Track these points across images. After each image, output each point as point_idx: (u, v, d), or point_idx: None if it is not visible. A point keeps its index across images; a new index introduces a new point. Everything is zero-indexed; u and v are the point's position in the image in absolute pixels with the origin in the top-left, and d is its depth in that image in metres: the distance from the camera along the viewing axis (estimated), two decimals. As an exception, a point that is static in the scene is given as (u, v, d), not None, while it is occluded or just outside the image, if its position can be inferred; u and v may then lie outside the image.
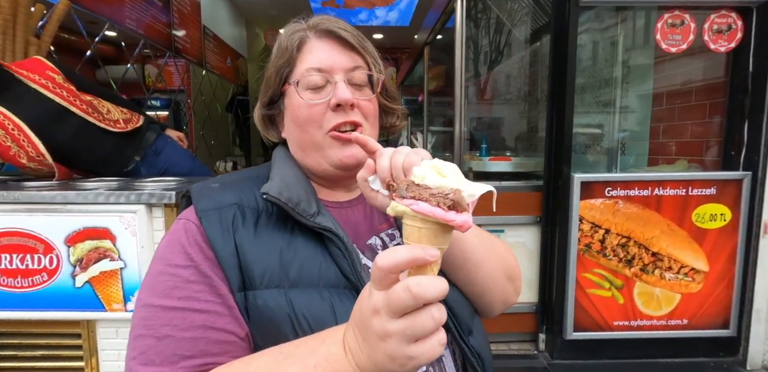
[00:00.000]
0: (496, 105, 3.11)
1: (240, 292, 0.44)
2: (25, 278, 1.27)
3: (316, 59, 0.53)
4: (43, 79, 1.45)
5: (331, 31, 0.54)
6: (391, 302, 0.29)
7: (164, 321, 0.41)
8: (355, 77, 0.53)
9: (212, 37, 4.29)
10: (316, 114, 0.52)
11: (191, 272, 0.43)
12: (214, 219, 0.46)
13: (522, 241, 1.95)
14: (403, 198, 0.32)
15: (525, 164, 2.13)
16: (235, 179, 0.54)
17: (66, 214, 1.25)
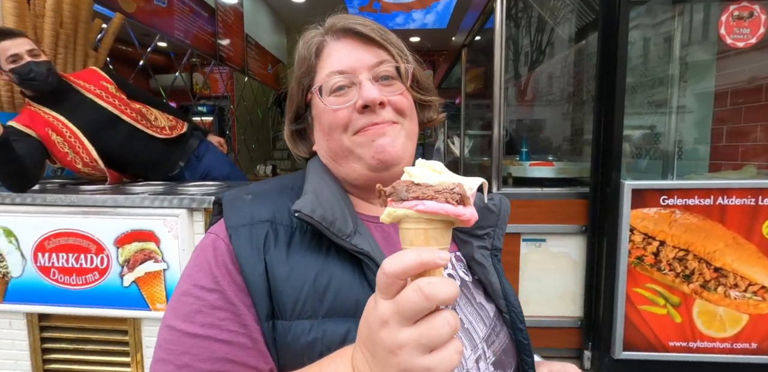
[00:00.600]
0: (538, 107, 2.98)
1: (268, 322, 0.41)
2: (80, 276, 1.35)
3: (337, 62, 0.48)
4: (97, 88, 1.55)
5: (348, 29, 0.49)
6: (402, 307, 0.27)
7: (185, 348, 0.39)
8: (381, 72, 0.48)
9: (254, 45, 4.45)
10: (342, 118, 0.47)
11: (216, 297, 0.41)
12: (244, 237, 0.43)
13: (565, 252, 1.84)
14: (403, 200, 0.30)
15: (569, 170, 2.01)
16: (268, 190, 0.51)
17: (116, 216, 1.32)
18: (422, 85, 0.54)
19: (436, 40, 6.41)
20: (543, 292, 1.85)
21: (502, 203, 0.56)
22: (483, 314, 0.50)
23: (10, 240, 1.36)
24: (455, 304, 0.48)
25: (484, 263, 0.52)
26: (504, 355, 0.49)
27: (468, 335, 0.47)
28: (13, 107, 1.63)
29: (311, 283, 0.41)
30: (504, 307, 0.51)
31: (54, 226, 1.34)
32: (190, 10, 3.02)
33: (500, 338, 0.50)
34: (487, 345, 0.48)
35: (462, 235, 0.55)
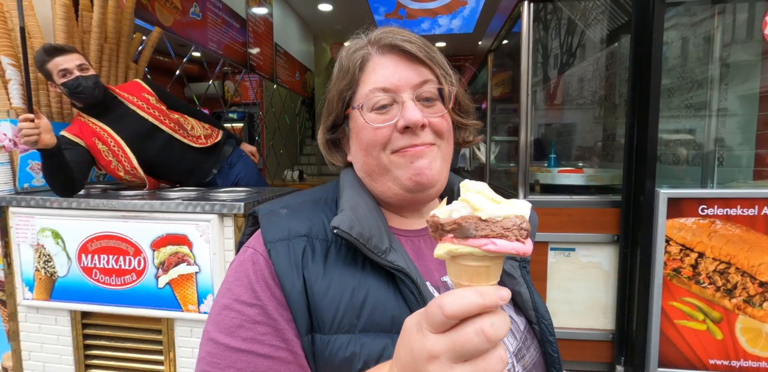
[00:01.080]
0: (567, 111, 2.91)
1: (307, 336, 0.42)
2: (119, 277, 1.43)
3: (381, 78, 0.48)
4: (140, 100, 1.64)
5: (395, 45, 0.49)
6: (459, 347, 0.26)
7: (229, 362, 0.40)
8: (424, 92, 0.48)
9: (283, 54, 4.58)
10: (381, 137, 0.47)
11: (257, 312, 0.42)
12: (282, 252, 0.44)
13: (596, 262, 1.78)
14: (469, 238, 0.28)
15: (600, 177, 1.95)
16: (302, 203, 0.51)
17: (152, 221, 1.38)
18: (463, 108, 0.54)
19: (462, 44, 6.39)
20: (572, 303, 1.80)
21: (532, 216, 0.55)
22: (513, 327, 0.50)
23: (57, 241, 1.45)
24: None
25: (513, 274, 0.52)
26: (534, 369, 0.49)
27: None
28: (62, 117, 1.74)
29: (348, 298, 0.42)
30: (534, 319, 0.51)
31: (96, 229, 1.42)
32: (223, 22, 3.15)
33: (530, 352, 0.50)
34: (516, 359, 0.47)
35: None
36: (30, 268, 1.48)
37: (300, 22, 5.35)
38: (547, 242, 1.77)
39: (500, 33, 2.23)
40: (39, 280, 1.48)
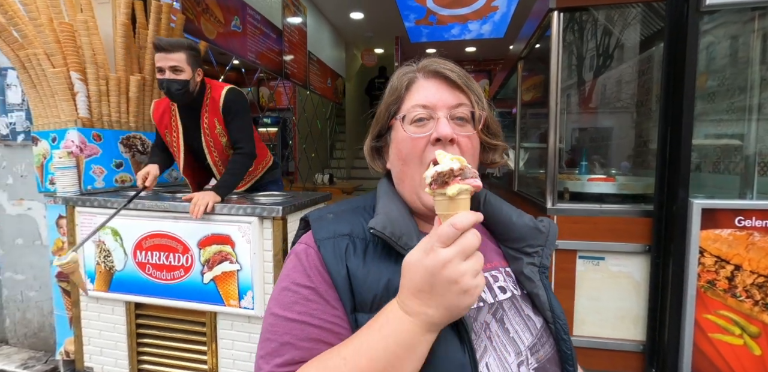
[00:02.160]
0: (600, 117, 2.86)
1: (352, 314, 0.49)
2: (169, 272, 1.56)
3: (423, 96, 0.56)
4: (209, 124, 1.68)
5: (438, 72, 0.57)
6: (466, 248, 0.40)
7: (286, 330, 0.48)
8: (457, 113, 0.56)
9: (315, 61, 4.74)
10: (417, 148, 0.55)
11: (310, 292, 0.50)
12: (329, 247, 0.52)
13: (627, 272, 1.76)
14: (465, 179, 0.43)
15: (632, 186, 1.92)
16: (345, 210, 0.60)
17: (199, 221, 1.50)
18: (491, 130, 0.61)
19: (493, 49, 6.37)
20: (601, 312, 1.78)
21: (551, 226, 0.61)
22: (530, 325, 0.55)
23: (116, 238, 1.61)
24: (504, 314, 0.54)
25: (533, 278, 0.58)
26: (548, 363, 0.54)
27: (513, 343, 0.52)
28: (120, 126, 1.91)
29: (385, 284, 0.49)
30: (550, 318, 0.56)
31: (150, 228, 1.56)
32: (261, 33, 3.32)
33: (545, 348, 0.55)
34: (531, 353, 0.53)
35: (513, 253, 0.61)
36: (92, 262, 1.64)
37: (332, 30, 5.51)
38: (576, 250, 1.77)
39: (531, 40, 2.24)
40: (99, 273, 1.63)
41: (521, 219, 0.61)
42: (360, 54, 6.56)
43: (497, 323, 0.53)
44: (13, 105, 1.96)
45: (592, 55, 2.75)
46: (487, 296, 0.55)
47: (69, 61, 1.63)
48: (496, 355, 0.50)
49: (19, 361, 2.04)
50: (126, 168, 1.88)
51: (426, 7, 4.74)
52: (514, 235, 0.61)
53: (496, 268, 0.59)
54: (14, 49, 1.62)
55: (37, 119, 1.76)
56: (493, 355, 0.50)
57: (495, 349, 0.51)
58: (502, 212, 0.62)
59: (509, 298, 0.56)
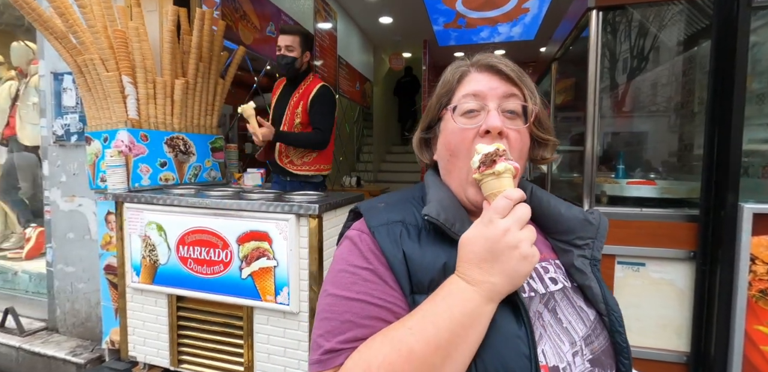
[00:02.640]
0: (639, 119, 2.76)
1: (411, 296, 0.50)
2: (209, 267, 1.62)
3: (474, 86, 0.57)
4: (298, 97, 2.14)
5: (491, 65, 0.58)
6: (521, 217, 0.45)
7: (346, 308, 0.49)
8: (509, 105, 0.56)
9: (345, 65, 4.82)
10: (466, 139, 0.55)
11: (368, 273, 0.51)
12: (383, 233, 0.53)
13: (669, 279, 1.69)
14: (508, 159, 0.50)
15: (674, 190, 1.84)
16: (396, 200, 0.61)
17: (238, 218, 1.56)
18: (544, 126, 0.61)
19: (523, 51, 6.27)
20: (641, 320, 1.72)
21: (602, 219, 0.61)
22: (584, 316, 0.55)
23: (160, 234, 1.68)
24: (556, 304, 0.54)
25: (584, 270, 0.57)
26: (603, 355, 0.53)
27: (567, 333, 0.52)
28: (165, 126, 2.01)
29: (441, 266, 0.51)
30: (604, 311, 0.56)
31: (192, 224, 1.63)
32: (295, 38, 3.41)
33: (599, 340, 0.54)
34: (585, 343, 0.53)
35: (562, 245, 0.61)
36: (138, 256, 1.73)
37: (361, 34, 5.60)
38: (614, 255, 1.72)
39: (566, 41, 2.20)
40: (144, 266, 1.72)
41: (570, 211, 0.61)
42: (388, 58, 6.62)
43: (550, 313, 0.53)
44: (67, 108, 2.09)
45: (632, 55, 2.67)
46: (538, 286, 0.55)
47: (121, 65, 1.73)
48: (551, 343, 0.50)
49: (68, 349, 2.16)
50: (169, 167, 1.97)
51: (455, 10, 4.75)
52: (563, 228, 0.60)
53: (546, 259, 0.59)
54: (72, 54, 1.73)
55: (90, 120, 1.88)
56: (548, 343, 0.50)
57: (550, 337, 0.51)
58: (549, 205, 0.62)
59: (561, 289, 0.56)
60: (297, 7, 3.53)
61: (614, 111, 2.85)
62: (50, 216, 2.25)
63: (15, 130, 2.91)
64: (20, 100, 2.91)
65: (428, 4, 4.57)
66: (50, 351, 2.13)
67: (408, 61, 6.55)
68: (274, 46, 3.31)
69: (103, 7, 1.71)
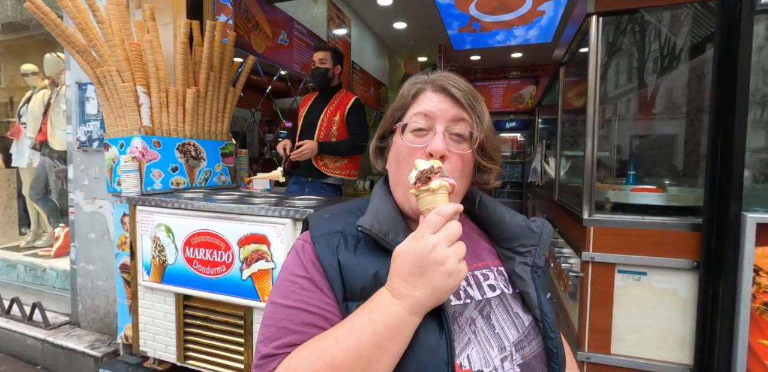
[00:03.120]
0: (650, 124, 2.70)
1: (343, 303, 0.54)
2: (212, 268, 1.69)
3: (426, 105, 0.60)
4: (334, 107, 2.40)
5: (445, 88, 0.61)
6: (449, 234, 0.47)
7: (283, 315, 0.54)
8: (456, 128, 0.59)
9: (359, 70, 4.88)
10: (412, 156, 0.59)
11: (306, 282, 0.55)
12: (323, 243, 0.57)
13: (672, 289, 1.64)
14: (443, 176, 0.52)
15: (681, 197, 1.79)
16: (341, 211, 0.65)
17: (240, 221, 1.63)
18: (486, 153, 0.64)
19: (540, 54, 6.18)
20: (642, 331, 1.68)
21: (545, 226, 0.63)
22: (518, 322, 0.58)
23: (168, 235, 1.77)
24: (491, 310, 0.57)
25: (524, 277, 0.60)
26: (534, 360, 0.56)
27: (498, 339, 0.55)
28: (177, 133, 2.11)
29: (373, 275, 0.54)
30: (539, 317, 0.58)
31: (198, 226, 1.71)
32: (307, 45, 3.50)
33: (532, 345, 0.57)
34: (516, 349, 0.55)
35: (506, 252, 0.63)
36: (148, 256, 1.83)
37: (376, 39, 5.66)
38: (614, 264, 1.69)
39: (571, 45, 2.18)
40: (154, 265, 1.81)
41: (514, 219, 0.64)
42: (403, 62, 6.65)
43: (483, 319, 0.56)
44: (90, 115, 2.23)
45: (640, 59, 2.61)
46: (475, 293, 0.58)
47: (136, 76, 1.84)
48: (479, 348, 0.53)
49: (88, 343, 2.29)
50: (180, 172, 2.07)
51: (469, 14, 4.74)
52: (507, 235, 0.63)
53: (488, 266, 0.62)
54: (92, 66, 1.86)
55: (108, 128, 2.00)
56: (476, 348, 0.53)
57: (479, 343, 0.54)
58: (495, 213, 0.65)
59: (498, 296, 0.59)
60: (310, 15, 3.62)
61: (625, 116, 2.79)
62: (74, 217, 2.40)
63: (47, 135, 3.11)
64: (52, 107, 3.11)
65: (441, 8, 4.58)
66: (71, 344, 2.27)
67: (423, 65, 6.56)
68: (287, 54, 3.44)
69: (121, 22, 1.82)
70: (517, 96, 7.01)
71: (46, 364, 2.35)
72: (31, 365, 2.38)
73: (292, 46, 3.29)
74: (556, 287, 2.43)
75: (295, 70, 3.36)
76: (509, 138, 6.88)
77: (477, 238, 0.66)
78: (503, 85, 7.07)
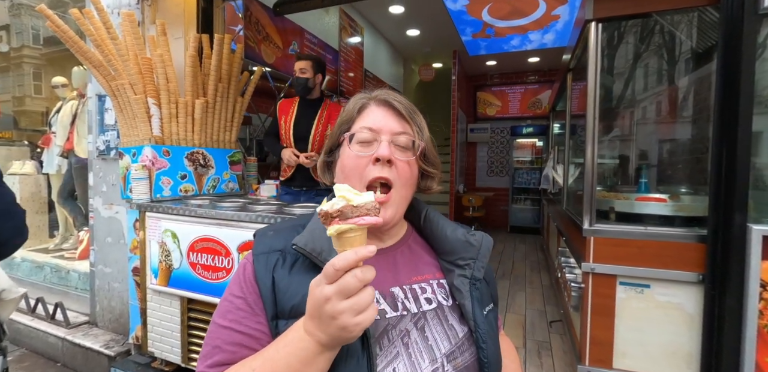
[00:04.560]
0: (663, 132, 2.61)
1: (273, 321, 0.56)
2: (214, 273, 1.75)
3: (371, 120, 0.63)
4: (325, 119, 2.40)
5: (387, 102, 0.64)
6: (343, 288, 0.42)
7: (217, 335, 0.56)
8: (400, 140, 0.62)
9: (372, 78, 4.94)
10: (360, 165, 0.61)
11: (241, 302, 0.57)
12: (262, 261, 0.59)
13: (677, 303, 1.58)
14: (349, 218, 0.44)
15: (689, 207, 1.73)
16: (285, 227, 0.66)
17: (239, 228, 1.68)
18: (429, 160, 0.67)
19: (558, 58, 6.06)
20: (645, 346, 1.62)
21: (484, 240, 0.64)
22: (451, 334, 0.59)
23: (174, 240, 1.85)
24: (426, 323, 0.57)
25: (462, 289, 0.61)
26: (466, 370, 0.57)
27: (430, 350, 0.56)
28: (186, 142, 2.21)
29: (303, 294, 0.54)
30: (473, 327, 0.59)
31: (201, 232, 1.77)
32: (318, 54, 3.58)
33: (465, 356, 0.58)
34: (447, 360, 0.56)
35: (447, 265, 0.65)
36: (156, 260, 1.90)
37: (389, 47, 5.71)
38: (615, 275, 1.64)
39: (576, 51, 2.14)
40: (161, 269, 1.89)
41: (454, 233, 0.65)
42: (418, 69, 6.68)
43: (418, 331, 0.57)
44: (108, 125, 2.36)
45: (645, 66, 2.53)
46: (411, 306, 0.59)
47: (147, 89, 1.94)
48: (409, 361, 0.54)
49: (103, 342, 2.40)
50: (189, 179, 2.15)
51: (482, 20, 4.73)
52: (448, 248, 0.65)
53: (427, 280, 0.63)
54: (108, 80, 1.97)
55: (123, 137, 2.11)
56: (404, 361, 0.54)
57: (410, 355, 0.55)
58: (438, 227, 0.66)
59: (434, 309, 0.60)
60: (322, 25, 3.71)
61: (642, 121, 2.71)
62: (93, 221, 2.53)
63: (73, 144, 3.30)
64: (78, 117, 3.30)
65: (454, 15, 4.59)
66: (88, 343, 2.38)
67: (439, 71, 6.58)
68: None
69: (134, 38, 1.93)
70: (534, 101, 6.91)
71: (65, 362, 2.48)
72: (51, 362, 2.51)
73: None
74: (563, 298, 2.36)
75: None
76: (528, 143, 6.77)
77: (420, 251, 0.68)
78: (520, 90, 6.98)
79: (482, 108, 7.15)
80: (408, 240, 0.68)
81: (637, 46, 2.35)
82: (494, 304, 0.67)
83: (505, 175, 7.03)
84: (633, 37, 2.31)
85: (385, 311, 0.58)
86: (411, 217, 0.71)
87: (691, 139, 2.34)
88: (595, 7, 1.63)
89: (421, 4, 4.30)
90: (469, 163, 7.25)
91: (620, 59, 2.43)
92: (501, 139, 7.10)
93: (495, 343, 0.60)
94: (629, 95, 2.59)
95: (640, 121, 2.63)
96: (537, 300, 3.22)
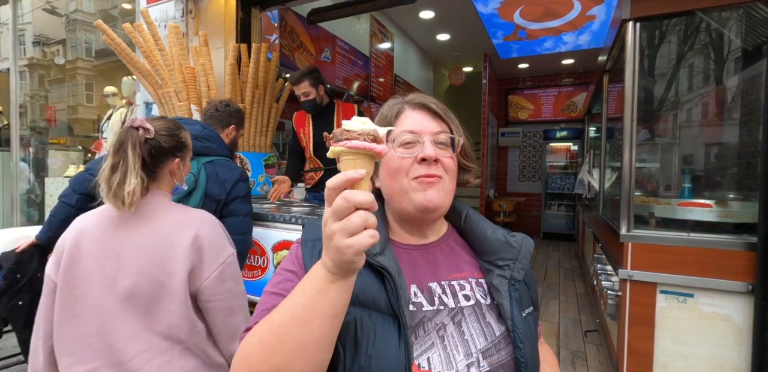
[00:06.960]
0: (709, 134, 2.47)
1: None
2: (251, 271, 1.82)
3: (410, 124, 0.66)
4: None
5: (423, 104, 0.67)
6: (334, 209, 0.43)
7: (267, 299, 0.59)
8: (440, 138, 0.64)
9: (402, 83, 4.99)
10: (405, 165, 0.63)
11: (291, 275, 0.60)
12: (309, 246, 0.62)
13: (724, 314, 1.49)
14: (339, 141, 0.45)
15: (737, 213, 1.63)
16: None
17: (274, 229, 1.74)
18: (467, 155, 0.70)
19: (593, 59, 5.87)
20: (689, 359, 1.54)
21: (525, 241, 0.66)
22: (487, 331, 0.60)
23: (213, 240, 1.94)
24: (463, 318, 0.59)
25: (501, 289, 0.62)
26: (501, 368, 0.57)
27: (465, 345, 0.57)
28: (226, 146, 2.31)
29: None
30: (511, 327, 0.60)
31: (238, 232, 1.85)
32: (349, 61, 3.66)
33: (501, 354, 0.58)
34: (483, 356, 0.57)
35: (486, 265, 0.66)
36: (195, 258, 2.00)
37: (419, 51, 5.75)
38: (655, 283, 1.57)
39: (612, 51, 2.08)
40: (199, 267, 1.98)
41: (494, 234, 0.67)
42: (448, 73, 6.68)
43: (454, 326, 0.59)
44: (155, 131, 2.52)
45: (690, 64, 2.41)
46: (449, 301, 0.61)
47: (190, 96, 2.06)
48: (444, 352, 0.56)
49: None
50: (227, 181, 2.25)
51: (514, 23, 4.67)
52: (488, 249, 0.66)
53: (466, 278, 0.65)
54: (155, 88, 2.11)
55: (168, 142, 2.24)
56: (439, 352, 0.56)
57: (445, 347, 0.56)
58: (479, 227, 0.68)
59: (472, 306, 0.61)
60: (353, 32, 3.80)
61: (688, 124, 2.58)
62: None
63: (122, 148, 3.53)
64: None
65: (485, 18, 4.57)
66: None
67: (469, 75, 6.54)
68: (329, 70, 3.63)
69: (179, 49, 2.06)
70: (569, 104, 6.71)
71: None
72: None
73: (334, 63, 3.46)
74: (599, 306, 2.28)
75: (338, 84, 3.52)
76: (562, 147, 6.58)
77: (460, 250, 0.69)
78: (554, 92, 6.81)
79: (514, 111, 7.02)
80: (448, 238, 0.70)
81: (680, 45, 2.25)
82: (534, 308, 0.67)
83: (538, 180, 6.85)
84: (675, 36, 2.22)
85: (421, 304, 0.60)
86: (452, 218, 0.73)
87: (740, 142, 2.21)
88: (632, 6, 1.59)
89: (452, 9, 4.31)
90: (500, 168, 7.13)
91: (661, 59, 2.34)
92: (533, 143, 6.94)
93: (533, 345, 0.61)
94: (671, 97, 2.48)
95: (684, 123, 2.51)
96: (571, 309, 3.12)
